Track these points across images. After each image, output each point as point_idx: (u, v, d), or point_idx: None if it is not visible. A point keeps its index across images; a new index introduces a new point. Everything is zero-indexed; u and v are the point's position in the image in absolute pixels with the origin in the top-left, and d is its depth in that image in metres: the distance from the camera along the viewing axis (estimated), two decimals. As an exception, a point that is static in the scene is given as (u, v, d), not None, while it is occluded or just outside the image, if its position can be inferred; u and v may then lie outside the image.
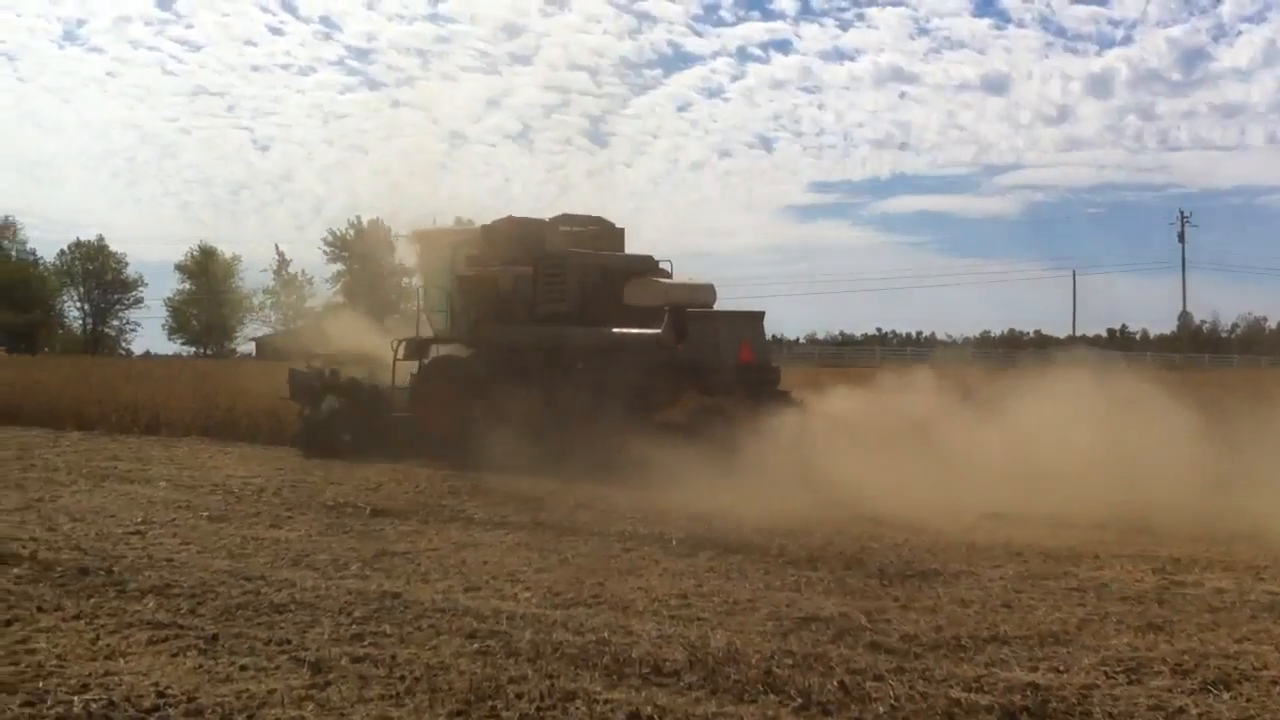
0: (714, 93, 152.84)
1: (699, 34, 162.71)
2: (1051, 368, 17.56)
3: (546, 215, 18.82)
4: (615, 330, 16.27)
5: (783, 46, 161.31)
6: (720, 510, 11.17)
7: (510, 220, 18.04)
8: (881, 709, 5.51)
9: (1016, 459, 12.58)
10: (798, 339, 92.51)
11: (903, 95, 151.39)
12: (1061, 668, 6.24)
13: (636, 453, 13.61)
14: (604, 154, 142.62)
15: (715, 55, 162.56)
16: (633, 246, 18.96)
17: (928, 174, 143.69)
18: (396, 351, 18.36)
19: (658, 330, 15.84)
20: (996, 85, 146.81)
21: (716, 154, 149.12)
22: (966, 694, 5.73)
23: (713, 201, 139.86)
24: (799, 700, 5.59)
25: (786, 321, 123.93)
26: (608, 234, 19.29)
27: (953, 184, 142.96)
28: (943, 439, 13.62)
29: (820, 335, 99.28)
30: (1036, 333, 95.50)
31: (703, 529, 10.55)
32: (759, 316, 17.69)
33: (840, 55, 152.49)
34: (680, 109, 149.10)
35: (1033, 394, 14.33)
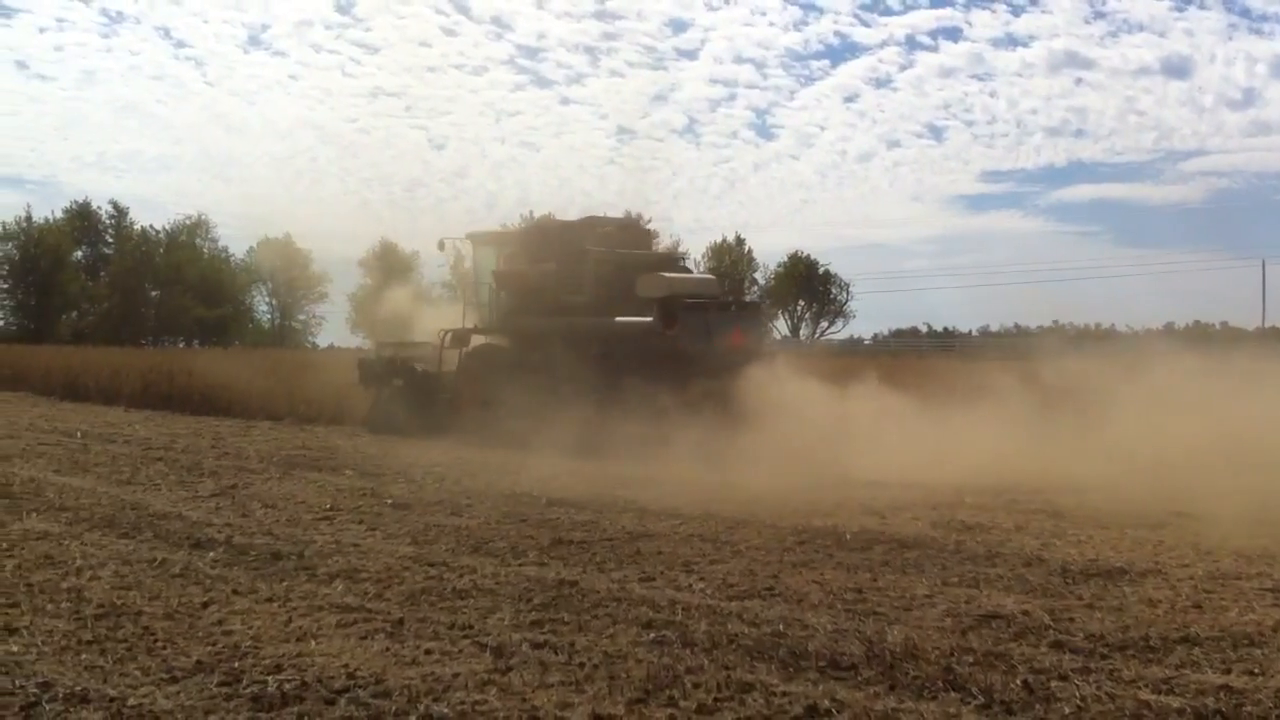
0: (882, 82, 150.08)
1: (866, 24, 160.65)
2: (1249, 359, 16.88)
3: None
4: (618, 320, 18.02)
5: (952, 34, 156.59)
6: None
7: (542, 222, 20.29)
8: (1067, 709, 5.37)
9: (1210, 452, 12.14)
10: (970, 331, 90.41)
11: (1078, 81, 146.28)
12: (1256, 670, 6.00)
13: (641, 430, 15.07)
14: (770, 147, 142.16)
15: (883, 45, 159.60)
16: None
17: (1105, 161, 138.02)
18: (444, 341, 20.58)
19: (651, 319, 17.55)
20: (1178, 69, 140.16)
21: (885, 144, 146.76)
22: (1156, 696, 5.55)
23: (881, 193, 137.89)
24: (980, 699, 5.49)
25: (957, 313, 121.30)
26: (634, 232, 21.58)
27: (1131, 172, 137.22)
28: (1133, 431, 13.28)
29: (994, 327, 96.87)
30: (1223, 324, 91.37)
31: (876, 523, 10.45)
32: (756, 307, 19.49)
33: (1012, 41, 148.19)
34: (847, 100, 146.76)
35: (1229, 386, 13.84)
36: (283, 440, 18.68)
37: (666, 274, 18.91)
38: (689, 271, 20.12)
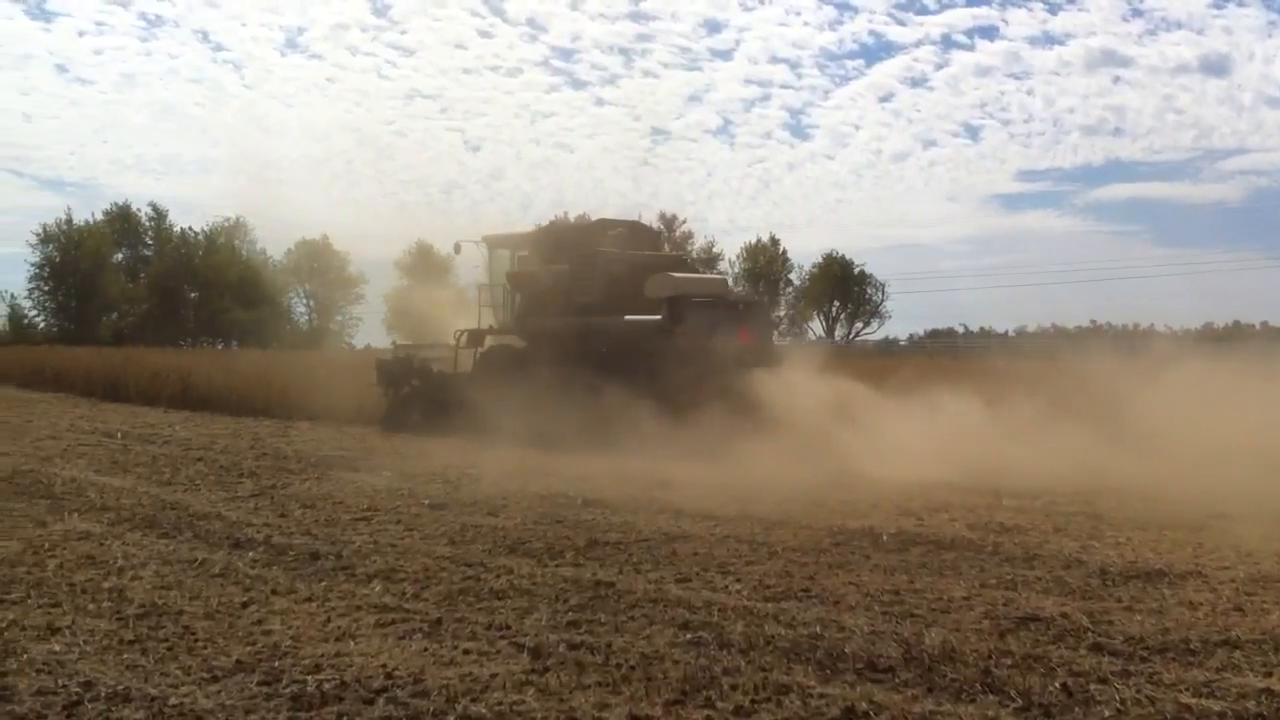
0: (917, 82, 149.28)
1: (901, 23, 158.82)
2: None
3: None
4: (627, 318, 18.46)
5: (989, 33, 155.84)
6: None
7: (554, 225, 20.81)
8: (1107, 713, 5.34)
9: (1250, 454, 12.03)
10: (1006, 331, 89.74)
11: (1116, 79, 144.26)
12: (1299, 675, 5.93)
13: (653, 426, 15.36)
14: (805, 147, 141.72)
15: (919, 44, 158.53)
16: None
17: (1143, 160, 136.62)
18: (459, 341, 21.14)
19: (659, 317, 17.99)
20: (1216, 67, 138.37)
21: (920, 144, 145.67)
22: (1197, 699, 5.50)
23: (917, 192, 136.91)
24: (1019, 701, 5.47)
25: (993, 314, 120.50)
26: (643, 235, 21.98)
27: (1170, 170, 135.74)
28: (1172, 432, 13.20)
29: (1031, 328, 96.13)
30: (1263, 324, 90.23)
31: (913, 525, 10.41)
32: (761, 306, 20.14)
33: (1049, 40, 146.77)
34: (882, 99, 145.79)
35: (1269, 387, 13.73)
36: (320, 441, 18.82)
37: (674, 274, 19.41)
38: (696, 272, 20.78)
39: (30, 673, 5.89)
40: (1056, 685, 5.68)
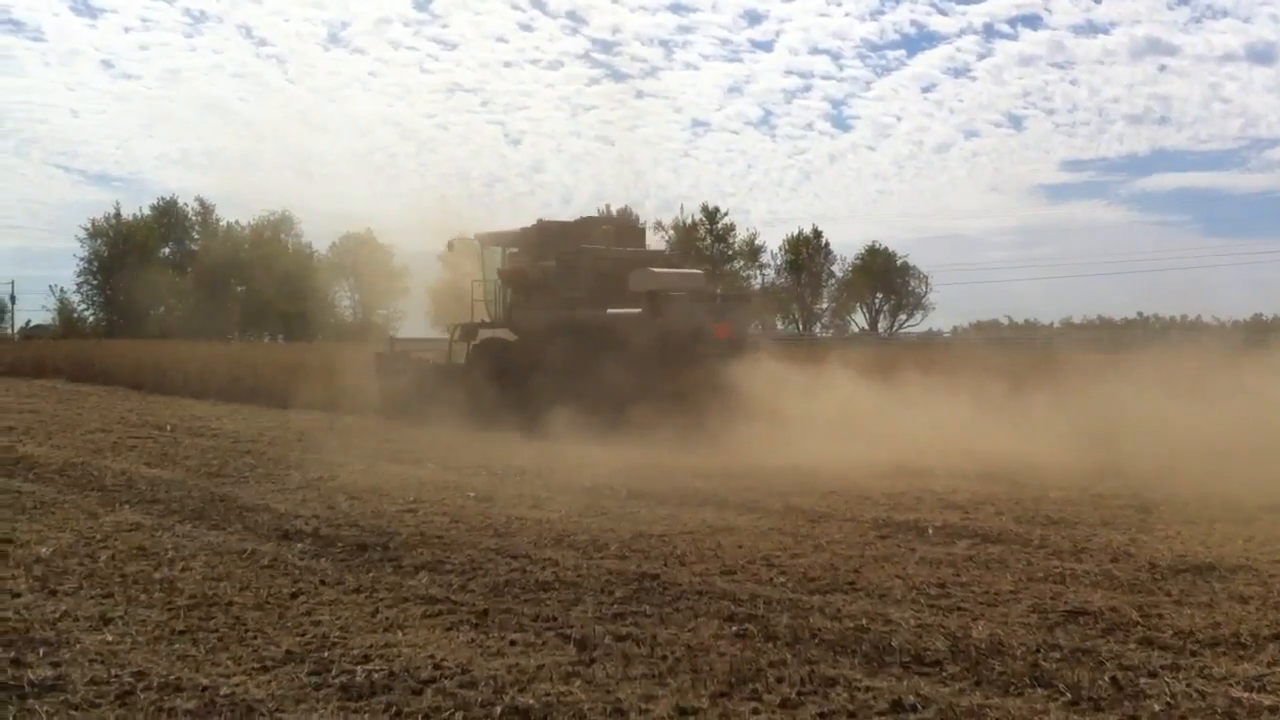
0: (960, 71, 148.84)
1: (944, 12, 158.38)
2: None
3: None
4: (610, 311, 19.22)
5: (1032, 22, 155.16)
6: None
7: (541, 223, 21.49)
8: (1157, 706, 5.30)
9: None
10: (1052, 323, 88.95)
11: (1162, 68, 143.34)
12: (1352, 669, 5.86)
13: (637, 413, 16.27)
14: (846, 138, 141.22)
15: (961, 33, 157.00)
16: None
17: (1189, 149, 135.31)
18: (453, 335, 22.39)
19: (639, 310, 18.78)
20: (1263, 55, 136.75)
21: (963, 134, 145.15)
22: (1247, 694, 5.46)
23: (959, 183, 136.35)
24: (1068, 695, 5.43)
25: (1039, 305, 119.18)
26: (628, 232, 23.56)
27: (1217, 159, 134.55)
28: (1222, 424, 13.11)
29: (1077, 319, 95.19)
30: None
31: (959, 518, 10.36)
32: (742, 299, 23.02)
33: (1094, 28, 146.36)
34: (925, 89, 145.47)
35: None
36: (366, 433, 18.94)
37: (655, 269, 20.55)
38: (678, 267, 23.26)
39: (83, 662, 5.96)
40: (1106, 679, 5.64)
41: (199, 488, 12.17)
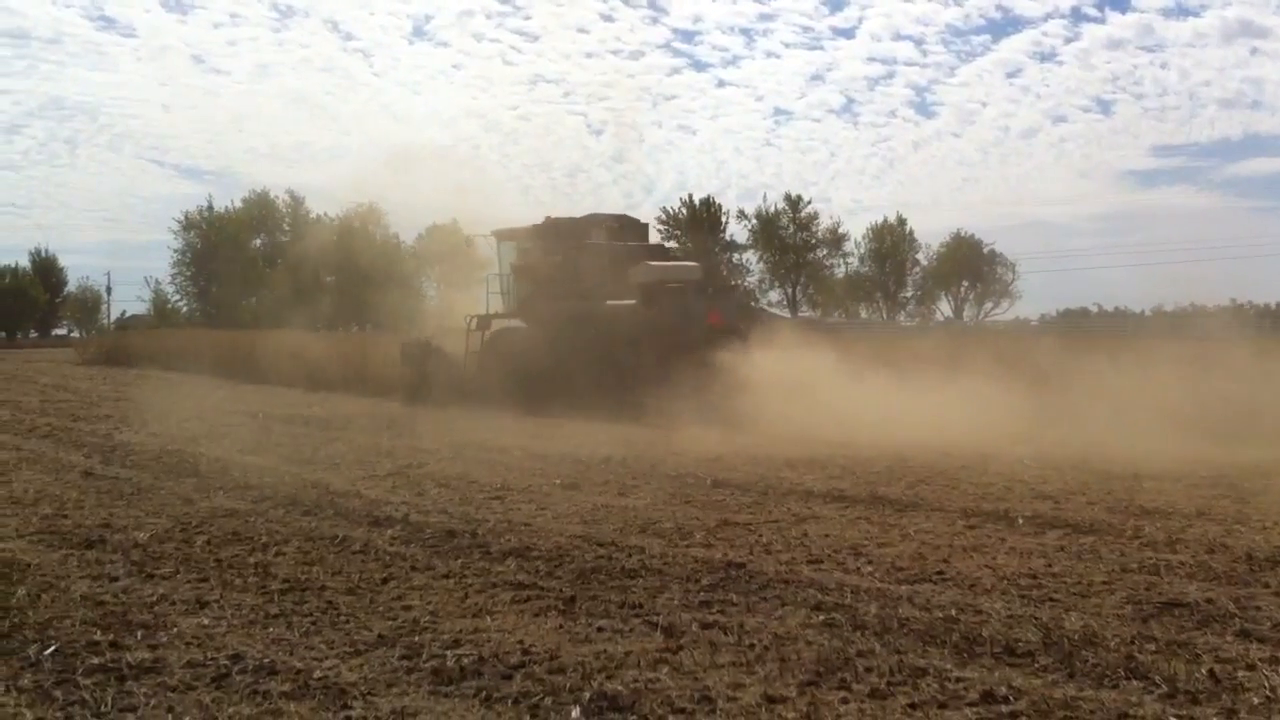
0: (1046, 56, 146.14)
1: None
2: None
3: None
4: (609, 303, 21.08)
5: (1120, 5, 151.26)
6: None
7: (550, 220, 22.99)
8: (1255, 700, 5.17)
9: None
10: (1142, 311, 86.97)
11: (1254, 51, 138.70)
12: None
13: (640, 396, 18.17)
14: (930, 125, 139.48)
15: (1047, 17, 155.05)
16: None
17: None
18: (470, 325, 23.69)
19: (634, 301, 20.77)
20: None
21: (1049, 120, 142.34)
22: (1351, 689, 5.31)
23: (1046, 169, 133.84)
24: (1164, 688, 5.32)
25: (1128, 293, 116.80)
26: (631, 228, 24.50)
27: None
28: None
29: (1168, 307, 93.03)
30: None
31: (1049, 508, 10.21)
32: (732, 290, 25.66)
33: (1183, 11, 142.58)
34: (1010, 75, 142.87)
35: None
36: (452, 420, 19.14)
37: (652, 262, 22.30)
38: (677, 260, 25.87)
39: (180, 645, 6.09)
40: (1203, 671, 5.52)
41: (291, 474, 12.40)
